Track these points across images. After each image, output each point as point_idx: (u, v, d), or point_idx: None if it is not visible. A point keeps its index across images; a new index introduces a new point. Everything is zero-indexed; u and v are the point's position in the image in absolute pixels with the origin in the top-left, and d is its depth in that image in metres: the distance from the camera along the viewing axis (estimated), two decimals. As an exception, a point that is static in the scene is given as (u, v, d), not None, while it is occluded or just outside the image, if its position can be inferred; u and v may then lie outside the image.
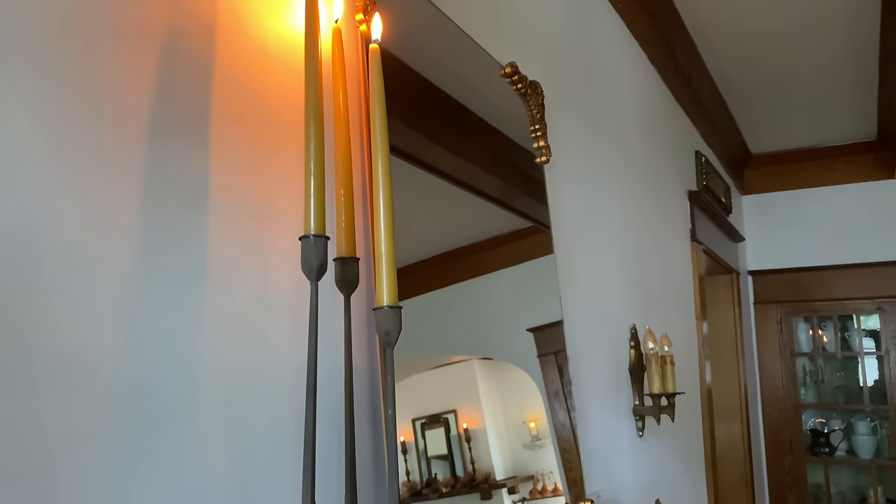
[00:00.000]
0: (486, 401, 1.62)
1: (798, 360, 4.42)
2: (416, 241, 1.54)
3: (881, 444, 4.22)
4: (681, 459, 2.67)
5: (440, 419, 1.52)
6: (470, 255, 1.68)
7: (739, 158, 4.39)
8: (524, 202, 1.72)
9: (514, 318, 1.70)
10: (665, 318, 2.67)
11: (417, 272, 1.53)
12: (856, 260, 4.25)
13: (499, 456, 1.60)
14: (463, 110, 1.60)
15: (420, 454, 1.43)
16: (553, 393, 1.72)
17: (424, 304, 1.52)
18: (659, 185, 2.78)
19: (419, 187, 1.53)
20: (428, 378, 1.54)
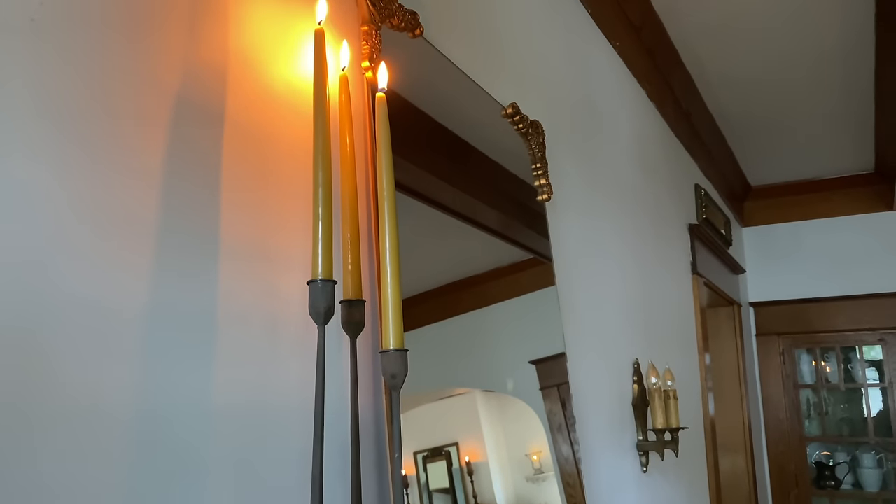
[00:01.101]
0: (488, 433, 1.62)
1: (801, 392, 4.40)
2: (418, 274, 1.55)
3: (887, 476, 4.19)
4: (685, 494, 2.65)
5: (442, 452, 1.51)
6: (472, 287, 1.69)
7: (739, 191, 4.43)
8: (525, 234, 1.74)
9: (516, 350, 1.71)
10: (667, 351, 2.68)
11: (420, 304, 1.54)
12: (857, 291, 4.26)
13: (501, 489, 1.59)
14: (465, 146, 1.63)
15: (422, 488, 1.43)
16: (556, 426, 1.72)
17: (427, 335, 1.52)
18: (659, 218, 2.81)
19: (422, 220, 1.54)
20: (430, 410, 1.53)
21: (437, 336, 1.54)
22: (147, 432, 0.73)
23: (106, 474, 0.68)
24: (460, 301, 1.65)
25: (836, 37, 2.80)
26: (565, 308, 1.76)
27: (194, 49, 0.86)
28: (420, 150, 1.50)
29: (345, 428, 0.94)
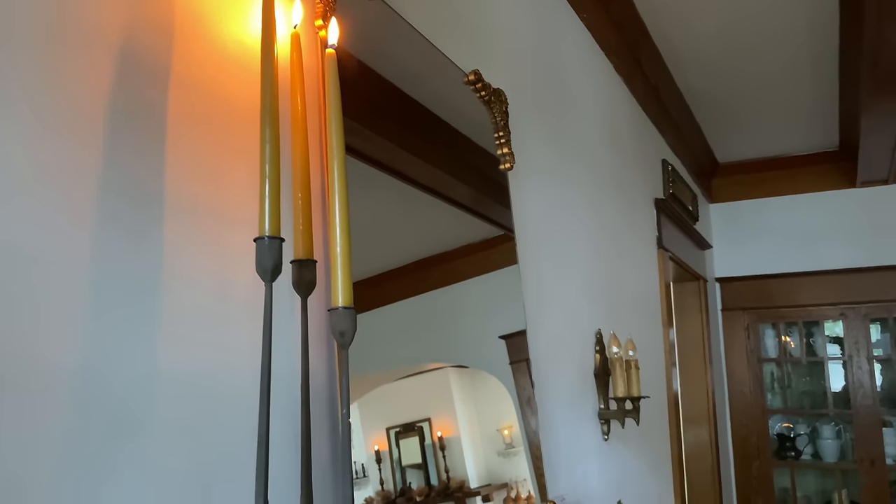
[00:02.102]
0: (460, 409, 1.63)
1: (765, 366, 4.49)
2: (389, 250, 1.55)
3: (845, 447, 4.31)
4: (647, 463, 2.70)
5: (414, 428, 1.52)
6: (443, 264, 1.69)
7: (707, 167, 4.47)
8: (496, 210, 1.74)
9: (487, 325, 1.72)
10: (631, 323, 2.71)
11: (391, 280, 1.54)
12: (820, 267, 4.34)
13: (473, 464, 1.61)
14: (435, 120, 1.62)
15: (394, 463, 1.44)
16: (525, 400, 1.74)
17: (398, 312, 1.53)
18: (625, 192, 2.83)
19: (392, 195, 1.54)
20: (403, 387, 1.54)
21: (409, 312, 1.55)
22: (88, 392, 0.72)
23: (42, 435, 0.67)
24: (431, 277, 1.65)
25: (804, 14, 2.83)
26: (527, 277, 1.77)
27: (140, 4, 0.84)
28: (388, 123, 1.49)
29: (296, 388, 0.94)
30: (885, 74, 2.86)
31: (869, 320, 4.19)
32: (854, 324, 4.21)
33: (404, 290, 1.55)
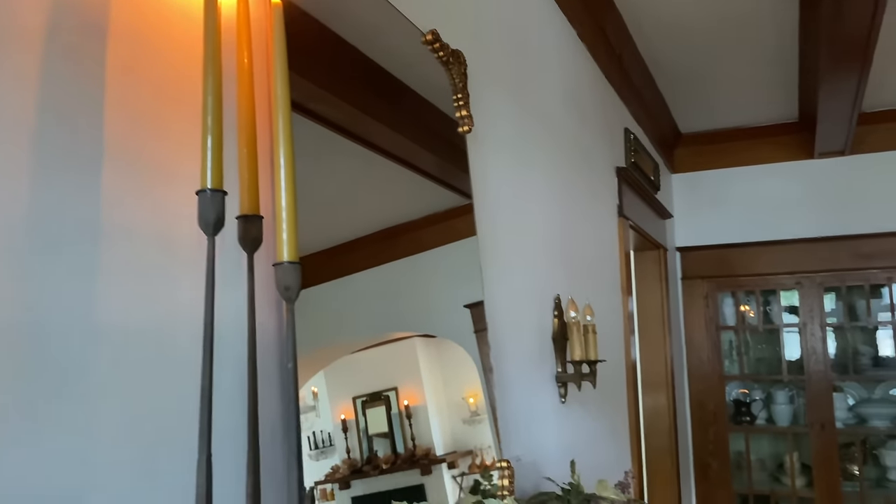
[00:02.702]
0: (427, 378, 1.64)
1: (723, 334, 4.59)
2: (354, 219, 1.55)
3: (798, 412, 4.44)
4: (605, 426, 2.75)
5: (381, 397, 1.53)
6: (408, 233, 1.69)
7: (669, 137, 4.51)
8: (461, 179, 1.73)
9: (453, 295, 1.72)
10: (592, 290, 2.74)
11: (357, 249, 1.54)
12: (778, 237, 4.42)
13: (439, 432, 1.62)
14: (400, 86, 1.61)
15: (361, 432, 1.45)
16: (488, 368, 1.75)
17: (364, 281, 1.52)
18: (587, 160, 2.84)
19: (357, 163, 1.53)
20: (369, 356, 1.55)
21: (375, 281, 1.55)
22: (22, 347, 0.71)
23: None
24: (397, 246, 1.65)
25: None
26: (485, 241, 1.77)
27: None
28: (351, 86, 1.48)
29: (243, 345, 0.93)
30: (841, 47, 2.90)
31: (823, 289, 4.30)
32: (809, 292, 4.32)
33: (370, 259, 1.55)
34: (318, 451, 1.35)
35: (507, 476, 1.44)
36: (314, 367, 1.41)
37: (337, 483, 1.36)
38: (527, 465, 1.87)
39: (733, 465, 4.46)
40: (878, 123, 4.22)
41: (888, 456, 4.29)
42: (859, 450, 4.29)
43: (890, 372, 4.29)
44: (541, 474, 1.87)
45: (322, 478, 1.33)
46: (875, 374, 4.35)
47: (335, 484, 1.36)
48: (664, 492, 3.96)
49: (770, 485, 4.46)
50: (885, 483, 4.28)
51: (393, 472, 1.49)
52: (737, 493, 4.42)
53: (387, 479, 1.47)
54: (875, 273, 4.17)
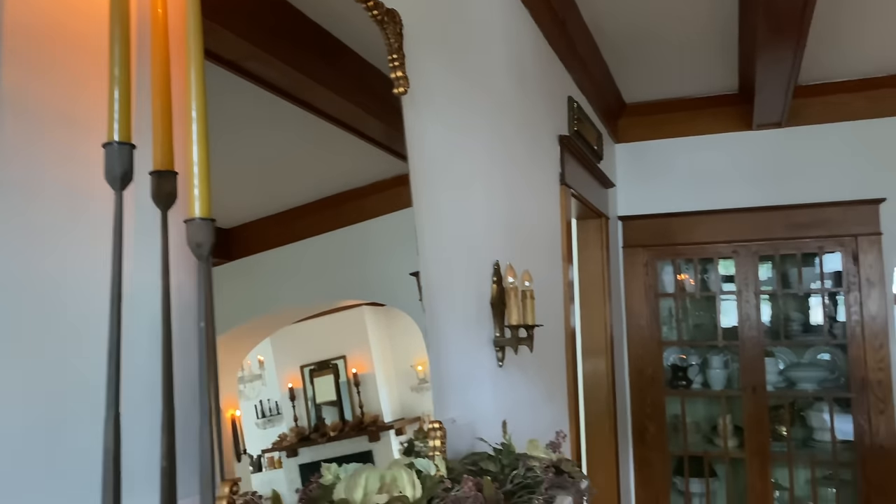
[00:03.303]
0: (375, 346, 1.65)
1: (662, 301, 4.70)
2: (297, 185, 1.52)
3: (731, 376, 4.60)
4: (543, 390, 2.80)
5: (329, 365, 1.53)
6: (354, 200, 1.67)
7: (614, 107, 4.55)
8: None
9: (401, 263, 1.72)
10: (533, 258, 2.77)
11: (302, 217, 1.52)
12: (716, 206, 4.54)
13: (387, 399, 1.64)
14: (343, 48, 1.58)
15: (308, 401, 1.45)
16: (425, 332, 1.76)
17: (310, 248, 1.51)
18: (529, 127, 2.84)
19: (299, 127, 1.50)
20: (317, 325, 1.54)
21: (321, 249, 1.53)
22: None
23: None
24: (344, 214, 1.63)
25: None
26: (420, 205, 1.76)
27: None
28: (288, 45, 1.44)
29: (157, 305, 0.91)
30: (778, 20, 2.96)
31: (758, 258, 4.44)
32: (745, 261, 4.45)
33: (316, 226, 1.54)
34: (265, 419, 1.35)
35: (440, 437, 1.46)
36: (259, 334, 1.40)
37: (284, 451, 1.36)
38: (463, 427, 1.89)
39: (669, 428, 4.61)
40: (813, 97, 4.34)
41: (814, 417, 4.49)
42: (788, 412, 4.48)
43: (818, 337, 4.47)
44: (477, 436, 1.90)
45: (269, 446, 1.33)
46: (805, 339, 4.53)
47: (283, 452, 1.36)
48: (603, 453, 4.07)
49: (704, 446, 4.63)
50: (811, 443, 4.49)
51: (341, 440, 1.50)
52: (672, 455, 4.57)
53: (335, 447, 1.48)
54: (807, 242, 4.32)
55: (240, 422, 1.29)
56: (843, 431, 4.30)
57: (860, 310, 4.20)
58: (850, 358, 4.23)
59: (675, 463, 4.63)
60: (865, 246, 4.20)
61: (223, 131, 1.32)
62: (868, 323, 4.18)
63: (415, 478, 1.25)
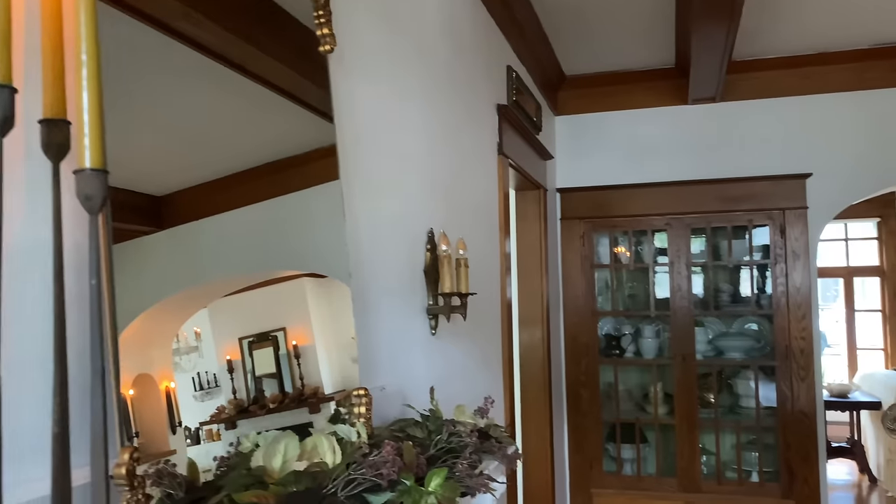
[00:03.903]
0: (316, 318, 1.62)
1: (598, 272, 4.78)
2: (234, 152, 1.46)
3: (663, 345, 4.72)
4: (477, 358, 2.82)
5: (269, 337, 1.51)
6: (294, 168, 1.63)
7: (554, 79, 4.55)
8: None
9: (340, 233, 1.69)
10: (470, 227, 2.76)
11: (240, 184, 1.46)
12: (652, 180, 4.61)
13: (328, 371, 1.62)
14: (276, 9, 1.53)
15: (248, 373, 1.43)
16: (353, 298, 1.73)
17: (249, 217, 1.47)
18: (467, 95, 2.81)
19: (235, 91, 1.45)
20: (256, 296, 1.51)
21: (260, 217, 1.49)
22: None
23: None
24: (283, 182, 1.59)
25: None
26: (348, 168, 1.72)
27: None
28: (223, 7, 1.38)
29: (49, 260, 0.85)
30: (713, -7, 2.99)
31: (690, 230, 4.54)
32: (677, 233, 4.54)
33: (252, 194, 1.49)
34: (203, 391, 1.33)
35: (365, 404, 1.44)
36: (194, 305, 1.36)
37: (223, 423, 1.35)
38: (392, 395, 1.88)
39: (603, 396, 4.72)
40: (747, 72, 4.43)
41: (741, 385, 4.66)
42: (715, 379, 4.63)
43: (746, 308, 4.62)
44: (409, 403, 1.89)
45: (207, 418, 1.32)
46: (733, 309, 4.67)
47: (221, 424, 1.34)
48: (537, 421, 4.14)
49: (636, 413, 4.75)
50: (737, 410, 4.66)
51: (281, 412, 1.49)
52: (605, 421, 4.68)
53: (274, 419, 1.46)
54: (738, 215, 4.44)
55: (175, 394, 1.26)
56: (767, 398, 4.47)
57: (786, 281, 4.35)
58: (775, 328, 4.39)
59: (608, 429, 4.74)
60: (792, 219, 4.34)
61: (155, 96, 1.26)
62: (792, 294, 4.33)
63: (335, 444, 1.23)
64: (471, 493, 1.38)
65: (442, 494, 1.16)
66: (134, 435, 1.19)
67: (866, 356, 8.25)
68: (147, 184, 1.27)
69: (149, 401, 1.23)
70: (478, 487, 1.38)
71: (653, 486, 4.54)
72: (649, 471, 4.62)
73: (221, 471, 1.25)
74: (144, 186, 1.25)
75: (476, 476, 1.43)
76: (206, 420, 1.32)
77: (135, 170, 1.20)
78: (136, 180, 1.23)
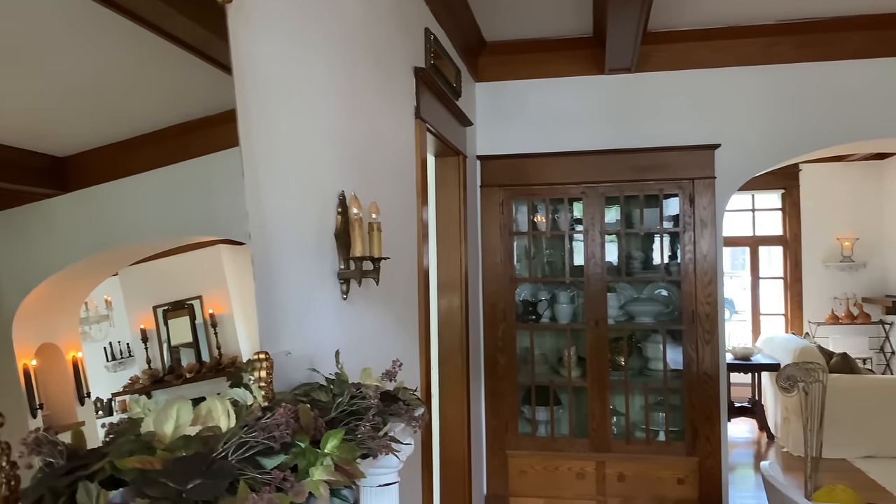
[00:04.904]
0: (233, 286, 1.58)
1: (516, 239, 4.84)
2: (142, 111, 1.39)
3: (577, 311, 4.84)
4: (392, 324, 2.81)
5: (184, 306, 1.47)
6: (205, 129, 1.57)
7: (474, 45, 4.53)
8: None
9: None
10: (385, 191, 2.73)
11: (148, 145, 1.39)
12: (569, 148, 4.68)
13: (246, 340, 1.59)
14: None
15: (163, 343, 1.39)
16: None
17: (159, 179, 1.41)
18: (381, 56, 2.76)
19: (139, 49, 1.37)
20: (171, 263, 1.46)
21: (172, 180, 1.44)
22: None
23: None
24: (193, 143, 1.52)
25: None
26: (247, 125, 1.66)
27: None
28: None
29: None
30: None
31: (605, 199, 4.64)
32: (592, 201, 4.64)
33: (165, 156, 1.43)
34: (115, 362, 1.30)
35: (265, 368, 1.41)
36: (103, 271, 1.30)
37: (137, 394, 1.32)
38: (300, 360, 1.85)
39: (519, 360, 4.82)
40: (662, 43, 4.52)
41: (650, 348, 4.84)
42: (626, 343, 4.80)
43: (656, 274, 4.78)
44: (318, 368, 1.86)
45: (120, 389, 1.29)
46: (644, 276, 4.83)
47: (135, 395, 1.31)
48: (455, 386, 4.19)
49: (550, 376, 4.88)
50: (646, 372, 4.84)
51: (198, 381, 1.46)
52: (521, 385, 4.79)
53: (191, 388, 1.44)
54: (650, 185, 4.56)
55: (83, 364, 1.23)
56: (675, 361, 4.67)
57: (693, 249, 4.52)
58: (682, 293, 4.56)
59: (524, 392, 4.86)
60: (701, 189, 4.50)
61: (48, 46, 1.18)
62: (699, 261, 4.51)
63: (230, 408, 1.20)
64: (373, 454, 1.38)
65: (339, 456, 1.15)
66: (38, 407, 1.14)
67: (769, 321, 8.71)
68: (48, 144, 1.20)
69: (54, 371, 1.19)
70: (380, 449, 1.38)
71: (565, 447, 4.68)
72: (562, 432, 4.77)
73: (110, 438, 1.20)
74: (45, 146, 1.19)
75: (379, 438, 1.43)
76: (118, 391, 1.29)
77: (30, 127, 1.14)
78: (34, 139, 1.16)
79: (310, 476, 1.11)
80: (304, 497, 1.05)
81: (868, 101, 4.39)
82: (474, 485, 4.38)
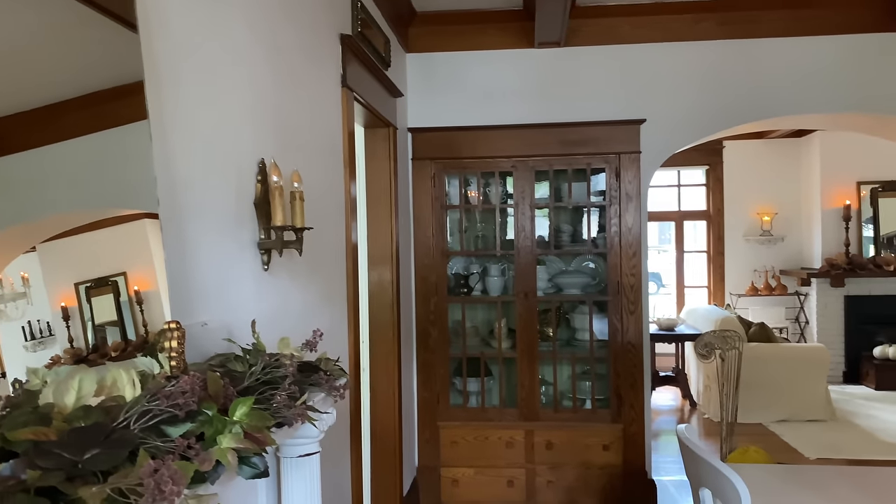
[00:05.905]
0: (159, 262, 1.52)
1: (448, 213, 4.84)
2: (59, 77, 1.33)
3: (508, 283, 4.90)
4: (320, 297, 2.77)
5: (108, 283, 1.42)
6: (130, 97, 1.48)
7: (404, 14, 4.47)
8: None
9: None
10: (310, 160, 2.68)
11: (68, 112, 1.34)
12: (499, 122, 4.69)
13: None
14: None
15: (86, 322, 1.34)
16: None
17: (80, 148, 1.35)
18: (304, 22, 2.69)
19: (53, 12, 1.29)
20: (93, 238, 1.40)
21: (94, 149, 1.38)
22: None
23: None
24: (117, 112, 1.46)
25: None
26: (152, 80, 1.60)
27: None
28: None
29: None
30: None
31: (535, 173, 4.68)
32: (522, 175, 4.67)
33: (86, 124, 1.38)
34: (34, 341, 1.25)
35: (176, 338, 1.37)
36: (17, 246, 1.24)
37: None
38: (216, 331, 1.81)
39: (451, 333, 4.84)
40: (590, 17, 4.56)
41: (577, 319, 4.94)
42: (554, 314, 4.88)
43: (584, 247, 4.87)
44: (236, 339, 1.83)
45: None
46: (572, 248, 4.91)
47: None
48: (386, 359, 4.18)
49: (481, 348, 4.93)
50: (573, 342, 4.95)
51: (123, 360, 1.40)
52: (452, 357, 4.82)
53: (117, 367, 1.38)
54: (578, 159, 4.62)
55: None
56: (601, 331, 4.78)
57: (619, 222, 4.61)
58: (608, 265, 4.66)
59: (455, 364, 4.89)
60: (627, 163, 4.58)
61: None
62: (625, 234, 4.61)
63: (135, 378, 1.16)
64: (288, 423, 1.36)
65: (248, 423, 1.13)
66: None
67: (693, 293, 9.02)
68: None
69: (-35, 351, 1.13)
70: (295, 417, 1.36)
71: (496, 417, 4.75)
72: (493, 402, 4.83)
73: (6, 411, 1.15)
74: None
75: (295, 407, 1.41)
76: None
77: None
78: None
79: (217, 444, 1.08)
80: (211, 465, 1.03)
81: (786, 78, 4.54)
82: (405, 456, 4.41)
